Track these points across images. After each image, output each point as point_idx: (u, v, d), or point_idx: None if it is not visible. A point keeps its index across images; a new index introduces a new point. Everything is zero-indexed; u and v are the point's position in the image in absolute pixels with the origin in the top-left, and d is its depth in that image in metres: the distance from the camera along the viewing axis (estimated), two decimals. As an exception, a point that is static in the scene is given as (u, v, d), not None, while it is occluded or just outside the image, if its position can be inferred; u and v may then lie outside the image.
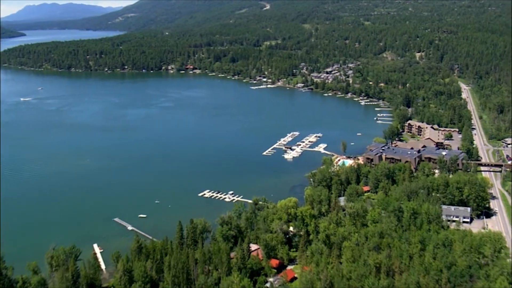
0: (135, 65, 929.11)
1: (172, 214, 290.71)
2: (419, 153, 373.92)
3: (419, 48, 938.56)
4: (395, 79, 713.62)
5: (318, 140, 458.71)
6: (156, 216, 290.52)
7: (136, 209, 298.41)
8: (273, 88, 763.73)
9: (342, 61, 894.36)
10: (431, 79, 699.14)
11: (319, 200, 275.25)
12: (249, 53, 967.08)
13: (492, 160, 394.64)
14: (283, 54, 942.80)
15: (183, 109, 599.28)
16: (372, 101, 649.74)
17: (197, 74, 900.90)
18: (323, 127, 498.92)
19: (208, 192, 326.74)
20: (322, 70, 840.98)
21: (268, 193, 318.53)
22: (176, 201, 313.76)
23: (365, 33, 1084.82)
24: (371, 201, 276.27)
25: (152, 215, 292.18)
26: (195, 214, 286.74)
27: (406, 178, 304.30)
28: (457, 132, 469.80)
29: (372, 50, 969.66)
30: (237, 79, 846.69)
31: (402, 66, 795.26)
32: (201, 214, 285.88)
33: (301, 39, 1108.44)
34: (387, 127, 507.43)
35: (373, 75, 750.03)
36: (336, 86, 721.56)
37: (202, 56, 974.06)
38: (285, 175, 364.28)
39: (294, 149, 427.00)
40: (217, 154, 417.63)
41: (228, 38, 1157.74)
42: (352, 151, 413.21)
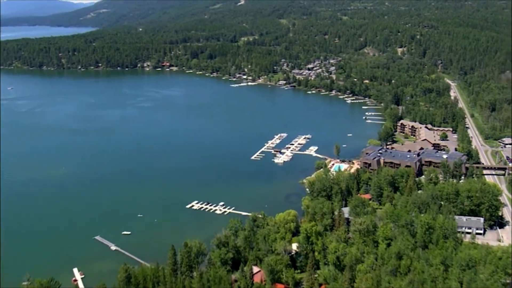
0: (109, 62, 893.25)
1: (159, 230, 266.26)
2: (419, 156, 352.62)
3: (401, 43, 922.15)
4: (379, 75, 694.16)
5: (307, 142, 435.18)
6: (141, 233, 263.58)
7: (119, 225, 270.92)
8: (254, 86, 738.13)
9: (323, 57, 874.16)
10: (416, 75, 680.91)
11: (322, 213, 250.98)
12: (227, 49, 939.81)
13: (492, 162, 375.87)
14: (262, 51, 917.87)
15: (162, 110, 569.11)
16: (358, 99, 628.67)
17: (174, 72, 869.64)
18: (311, 128, 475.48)
19: (197, 204, 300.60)
20: (304, 67, 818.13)
21: (261, 204, 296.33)
22: (162, 215, 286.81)
23: (344, 28, 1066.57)
24: (378, 214, 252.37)
25: (136, 232, 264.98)
26: (184, 230, 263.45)
27: (411, 186, 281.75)
28: (451, 132, 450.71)
29: (353, 46, 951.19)
30: (216, 76, 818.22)
31: (386, 62, 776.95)
32: (191, 229, 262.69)
33: (279, 35, 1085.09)
34: (377, 127, 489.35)
35: (357, 72, 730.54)
36: (320, 83, 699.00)
37: (178, 52, 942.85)
38: (278, 182, 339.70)
39: (284, 153, 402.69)
40: (203, 159, 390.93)
41: (204, 34, 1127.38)
42: (345, 154, 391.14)
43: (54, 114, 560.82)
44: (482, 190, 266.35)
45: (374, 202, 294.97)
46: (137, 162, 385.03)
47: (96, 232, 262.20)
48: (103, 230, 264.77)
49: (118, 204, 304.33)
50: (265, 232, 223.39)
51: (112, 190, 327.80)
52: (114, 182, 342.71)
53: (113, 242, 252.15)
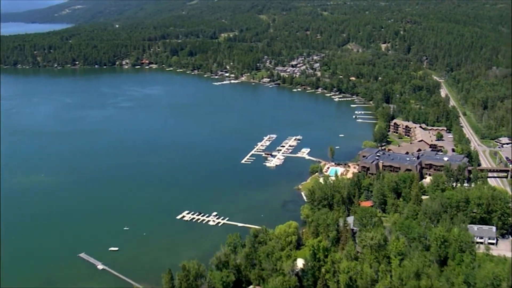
0: (86, 60, 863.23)
1: (149, 246, 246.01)
2: (419, 159, 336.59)
3: (384, 39, 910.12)
4: (366, 72, 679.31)
5: (298, 143, 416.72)
6: (130, 249, 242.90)
7: (105, 240, 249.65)
8: (237, 84, 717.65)
9: (306, 53, 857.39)
10: (403, 72, 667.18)
11: (325, 225, 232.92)
12: (208, 46, 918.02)
13: (492, 164, 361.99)
14: (243, 47, 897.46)
15: (145, 109, 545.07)
16: (345, 97, 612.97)
17: (154, 69, 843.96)
18: (301, 128, 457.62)
19: (188, 214, 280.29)
20: (287, 64, 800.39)
21: (257, 213, 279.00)
22: (152, 227, 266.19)
23: (326, 24, 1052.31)
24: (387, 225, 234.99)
25: (125, 247, 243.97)
26: (177, 244, 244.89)
27: (417, 193, 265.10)
28: (445, 131, 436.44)
29: (336, 42, 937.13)
30: (197, 74, 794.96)
31: (371, 59, 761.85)
32: (184, 244, 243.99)
33: (259, 31, 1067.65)
34: (369, 126, 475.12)
35: (342, 68, 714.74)
36: (305, 81, 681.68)
37: (157, 50, 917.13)
38: (272, 187, 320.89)
39: (275, 156, 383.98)
40: (191, 163, 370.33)
41: (183, 30, 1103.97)
42: (339, 157, 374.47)
43: (30, 115, 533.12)
44: (493, 197, 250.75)
45: (377, 210, 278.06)
46: (121, 167, 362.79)
47: (80, 248, 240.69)
48: (88, 245, 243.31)
49: (103, 215, 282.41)
50: (268, 249, 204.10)
51: (94, 199, 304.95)
52: (97, 190, 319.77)
53: (99, 260, 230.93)
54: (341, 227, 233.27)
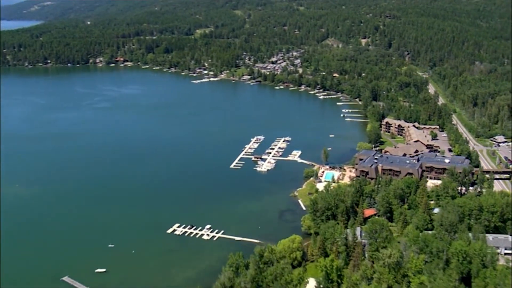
0: (59, 58, 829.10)
1: (140, 265, 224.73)
2: (419, 161, 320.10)
3: (364, 34, 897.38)
4: (348, 68, 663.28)
5: (288, 145, 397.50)
6: (119, 270, 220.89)
7: (90, 260, 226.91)
8: (216, 82, 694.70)
9: (285, 49, 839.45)
10: (388, 68, 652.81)
11: (333, 239, 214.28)
12: (184, 42, 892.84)
13: (492, 165, 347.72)
14: (221, 44, 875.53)
15: (123, 111, 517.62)
16: (330, 94, 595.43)
17: (129, 67, 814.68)
18: (288, 128, 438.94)
19: (179, 227, 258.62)
20: (267, 60, 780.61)
21: (253, 225, 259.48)
22: (140, 243, 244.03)
23: (303, 19, 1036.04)
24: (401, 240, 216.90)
25: (113, 268, 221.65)
26: (170, 263, 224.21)
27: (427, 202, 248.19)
28: (438, 130, 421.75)
29: (315, 37, 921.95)
30: (175, 71, 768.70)
31: (353, 55, 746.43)
32: (179, 262, 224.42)
33: (235, 27, 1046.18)
34: (358, 125, 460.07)
35: (324, 65, 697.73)
36: (287, 78, 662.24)
37: (132, 47, 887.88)
38: (266, 195, 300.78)
39: (265, 159, 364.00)
40: (176, 170, 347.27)
41: (157, 27, 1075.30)
42: (332, 159, 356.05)
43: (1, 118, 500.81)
44: (507, 204, 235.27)
45: (381, 218, 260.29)
46: (101, 176, 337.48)
47: (63, 270, 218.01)
48: (71, 267, 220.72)
49: (85, 231, 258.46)
50: (276, 271, 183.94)
51: (75, 213, 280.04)
52: (77, 202, 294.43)
53: (85, 283, 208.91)
54: (350, 241, 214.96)
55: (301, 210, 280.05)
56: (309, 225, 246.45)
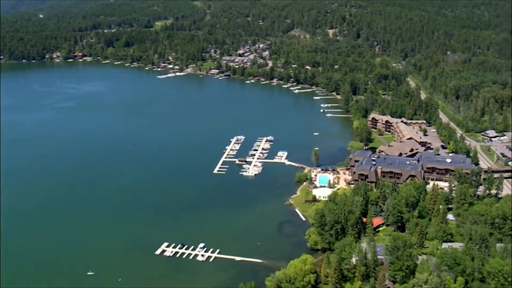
0: (12, 54, 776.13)
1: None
2: (419, 162, 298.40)
3: (331, 25, 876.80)
4: (320, 60, 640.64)
5: (272, 146, 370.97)
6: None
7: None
8: (183, 76, 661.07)
9: (251, 41, 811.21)
10: (361, 59, 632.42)
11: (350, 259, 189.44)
12: (145, 36, 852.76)
13: (491, 162, 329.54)
14: (184, 36, 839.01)
15: (88, 110, 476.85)
16: (305, 88, 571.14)
17: (89, 62, 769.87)
18: (269, 127, 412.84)
19: (169, 247, 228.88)
20: (233, 53, 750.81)
21: (251, 241, 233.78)
22: (126, 269, 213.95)
23: (267, 9, 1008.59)
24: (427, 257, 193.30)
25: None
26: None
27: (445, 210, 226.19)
28: (425, 125, 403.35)
29: (280, 28, 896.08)
30: (138, 66, 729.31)
31: (323, 46, 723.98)
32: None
33: (196, 18, 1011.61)
34: (341, 121, 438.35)
35: (294, 57, 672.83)
36: (258, 72, 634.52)
37: (91, 41, 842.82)
38: (258, 204, 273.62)
39: (250, 162, 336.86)
40: (156, 179, 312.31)
41: (115, 19, 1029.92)
42: (323, 160, 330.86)
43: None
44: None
45: (391, 228, 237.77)
46: (73, 186, 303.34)
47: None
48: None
49: (58, 254, 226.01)
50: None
51: (44, 233, 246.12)
52: (45, 220, 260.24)
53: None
54: (370, 261, 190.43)
55: (300, 221, 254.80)
56: (316, 240, 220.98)
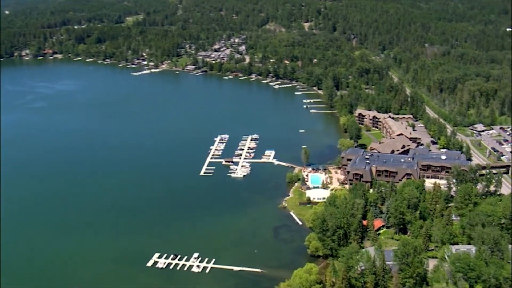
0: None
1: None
2: (413, 159, 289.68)
3: (307, 18, 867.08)
4: (298, 54, 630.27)
5: (258, 144, 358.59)
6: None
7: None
8: (159, 73, 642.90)
9: (226, 36, 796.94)
10: (340, 53, 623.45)
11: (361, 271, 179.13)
12: (117, 31, 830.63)
13: (483, 158, 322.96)
14: (157, 32, 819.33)
15: (63, 110, 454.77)
16: (285, 83, 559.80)
17: (60, 60, 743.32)
18: (252, 124, 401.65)
19: (161, 258, 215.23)
20: (209, 48, 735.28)
21: (247, 248, 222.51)
22: (116, 284, 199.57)
23: (240, 3, 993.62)
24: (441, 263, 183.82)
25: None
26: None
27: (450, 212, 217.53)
28: (412, 120, 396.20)
29: (255, 22, 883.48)
30: (111, 63, 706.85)
31: (300, 40, 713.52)
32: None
33: (168, 13, 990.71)
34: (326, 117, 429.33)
35: (272, 51, 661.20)
36: (236, 67, 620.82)
37: (61, 37, 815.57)
38: (251, 208, 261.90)
39: (237, 163, 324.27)
40: (141, 184, 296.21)
41: (84, 15, 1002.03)
42: (312, 159, 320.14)
43: None
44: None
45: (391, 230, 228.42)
46: (49, 191, 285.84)
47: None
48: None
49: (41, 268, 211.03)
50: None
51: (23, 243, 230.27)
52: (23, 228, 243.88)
53: None
54: (379, 269, 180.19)
55: (296, 225, 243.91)
56: (317, 246, 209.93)
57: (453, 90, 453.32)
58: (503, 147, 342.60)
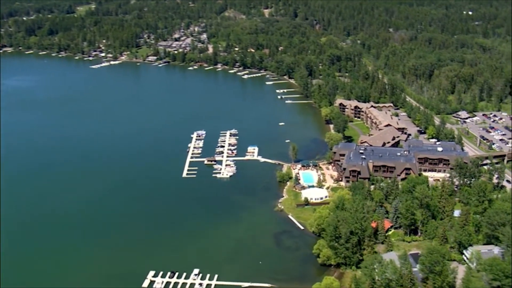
0: None
1: None
2: (410, 153, 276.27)
3: (266, 4, 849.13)
4: (263, 42, 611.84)
5: (238, 140, 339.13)
6: None
7: None
8: (119, 65, 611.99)
9: (185, 25, 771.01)
10: (307, 40, 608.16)
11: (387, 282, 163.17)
12: (70, 22, 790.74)
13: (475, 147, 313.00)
14: (113, 22, 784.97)
15: (20, 109, 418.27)
16: (253, 72, 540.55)
17: (10, 53, 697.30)
18: (228, 118, 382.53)
19: (156, 277, 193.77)
20: (169, 37, 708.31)
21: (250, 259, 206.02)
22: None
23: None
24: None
25: None
26: None
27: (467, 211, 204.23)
28: (393, 108, 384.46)
29: (213, 9, 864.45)
30: (66, 56, 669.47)
31: (263, 27, 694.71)
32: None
33: (122, 2, 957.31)
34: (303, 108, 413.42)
35: (235, 40, 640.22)
36: (200, 57, 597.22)
37: (10, 30, 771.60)
38: (245, 212, 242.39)
39: (221, 162, 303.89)
40: (120, 191, 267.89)
41: (32, 5, 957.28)
42: (299, 154, 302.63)
43: None
44: None
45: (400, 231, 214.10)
46: (15, 204, 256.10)
47: None
48: None
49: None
50: None
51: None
52: None
53: None
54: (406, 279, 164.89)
55: (298, 230, 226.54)
56: (329, 255, 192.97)
57: (429, 76, 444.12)
58: (491, 135, 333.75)
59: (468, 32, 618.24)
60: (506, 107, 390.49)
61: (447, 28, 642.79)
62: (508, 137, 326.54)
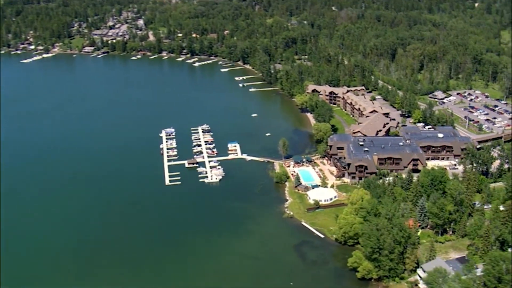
0: None
1: None
2: (412, 142, 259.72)
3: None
4: (207, 27, 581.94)
5: (213, 137, 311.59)
6: None
7: None
8: (52, 58, 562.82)
9: (116, 11, 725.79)
10: (252, 22, 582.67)
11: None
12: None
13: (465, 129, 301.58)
14: (38, 11, 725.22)
15: None
16: (203, 59, 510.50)
17: None
18: (194, 113, 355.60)
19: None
20: (103, 26, 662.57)
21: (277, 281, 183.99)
22: None
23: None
24: None
25: None
26: None
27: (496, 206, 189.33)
28: (364, 91, 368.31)
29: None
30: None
31: (203, 10, 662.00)
32: None
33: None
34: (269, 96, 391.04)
35: (176, 25, 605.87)
36: (143, 45, 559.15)
37: None
38: (250, 222, 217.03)
39: (203, 163, 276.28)
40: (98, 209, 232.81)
41: None
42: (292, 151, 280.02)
43: None
44: None
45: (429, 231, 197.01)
46: None
47: None
48: None
49: None
50: None
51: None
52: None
53: None
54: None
55: (318, 239, 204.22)
56: (369, 268, 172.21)
57: (392, 56, 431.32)
58: (475, 115, 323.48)
59: (414, 9, 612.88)
60: (477, 84, 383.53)
61: (391, 5, 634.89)
62: (492, 117, 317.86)
